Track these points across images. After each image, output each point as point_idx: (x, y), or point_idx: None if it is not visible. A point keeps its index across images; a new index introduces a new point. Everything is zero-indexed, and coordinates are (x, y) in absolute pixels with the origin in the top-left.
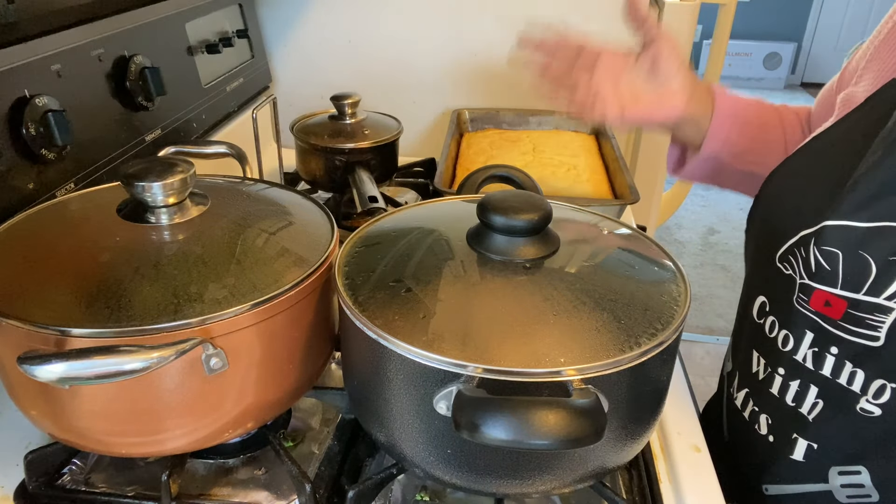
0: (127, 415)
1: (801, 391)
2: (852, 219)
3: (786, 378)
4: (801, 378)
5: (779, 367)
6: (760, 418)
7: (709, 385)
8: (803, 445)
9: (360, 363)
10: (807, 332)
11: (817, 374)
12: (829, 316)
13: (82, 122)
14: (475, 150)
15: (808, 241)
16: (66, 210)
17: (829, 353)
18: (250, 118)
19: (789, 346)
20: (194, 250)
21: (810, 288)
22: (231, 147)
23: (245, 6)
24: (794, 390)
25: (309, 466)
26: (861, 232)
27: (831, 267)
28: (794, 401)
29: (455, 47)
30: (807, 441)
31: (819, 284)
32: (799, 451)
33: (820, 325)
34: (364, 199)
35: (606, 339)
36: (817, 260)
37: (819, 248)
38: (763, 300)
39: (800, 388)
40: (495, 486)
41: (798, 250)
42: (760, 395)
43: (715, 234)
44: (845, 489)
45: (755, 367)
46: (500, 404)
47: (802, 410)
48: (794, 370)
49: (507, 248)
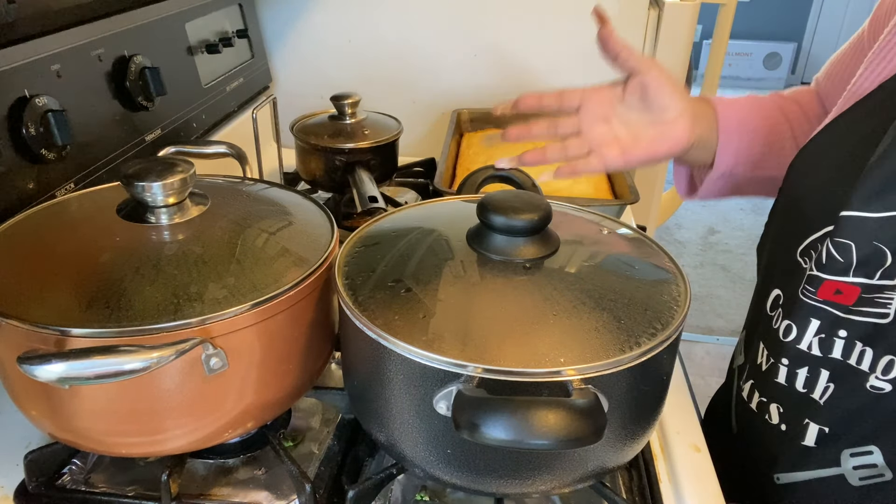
0: (127, 415)
1: (812, 377)
2: (865, 209)
3: (791, 367)
4: (808, 365)
5: (782, 358)
6: (770, 408)
7: (709, 385)
8: (815, 430)
9: (360, 363)
10: (811, 320)
11: (826, 358)
12: (839, 303)
13: (82, 122)
14: (475, 150)
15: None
16: (66, 210)
17: (838, 336)
18: (250, 118)
19: (791, 336)
20: (194, 250)
21: (818, 279)
22: (231, 147)
23: (245, 6)
24: (803, 377)
25: (309, 466)
26: (874, 222)
27: (844, 258)
28: (806, 387)
29: (455, 47)
30: (818, 425)
31: (829, 275)
32: (810, 436)
33: (828, 313)
34: (364, 199)
35: (606, 339)
36: (829, 251)
37: (832, 240)
38: (778, 293)
39: (809, 375)
40: (495, 486)
41: (820, 244)
42: (766, 386)
43: (715, 234)
44: (858, 471)
45: (759, 359)
46: (500, 404)
47: (814, 396)
48: (798, 359)
49: (507, 248)
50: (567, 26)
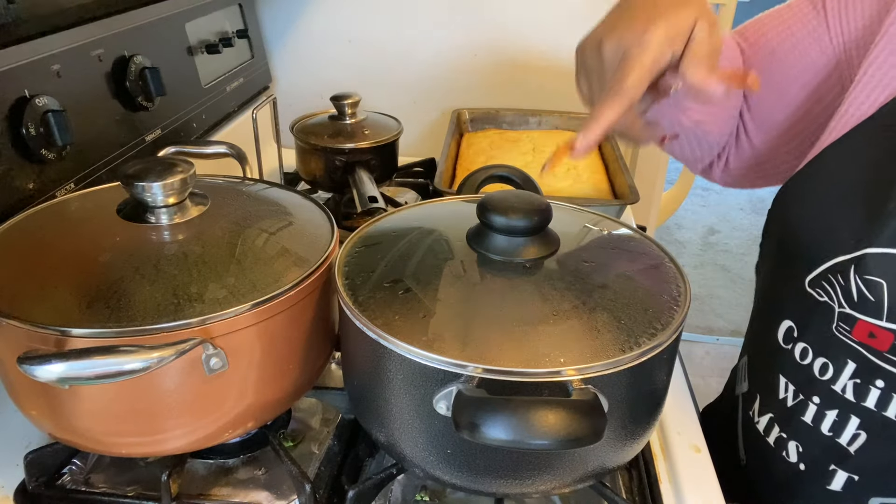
0: (127, 415)
1: (840, 421)
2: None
3: (821, 407)
4: (839, 409)
5: (813, 396)
6: (789, 445)
7: (709, 385)
8: (843, 477)
9: (360, 363)
10: (849, 361)
11: (859, 405)
12: (874, 347)
13: (82, 122)
14: (475, 150)
15: (845, 269)
16: (66, 210)
17: (874, 385)
18: (250, 118)
19: (828, 375)
20: (194, 250)
21: (853, 318)
22: (231, 147)
23: (245, 6)
24: (831, 420)
25: (309, 466)
26: None
27: (875, 297)
28: (832, 431)
29: (455, 47)
30: (847, 473)
31: (862, 315)
32: (838, 482)
33: (864, 356)
34: (364, 199)
35: (606, 340)
36: (860, 289)
37: (861, 277)
38: (790, 325)
39: (838, 419)
40: (495, 486)
41: (835, 277)
42: (790, 423)
43: (715, 234)
44: None
45: (783, 394)
46: (500, 404)
47: (841, 441)
48: (830, 399)
49: (507, 248)
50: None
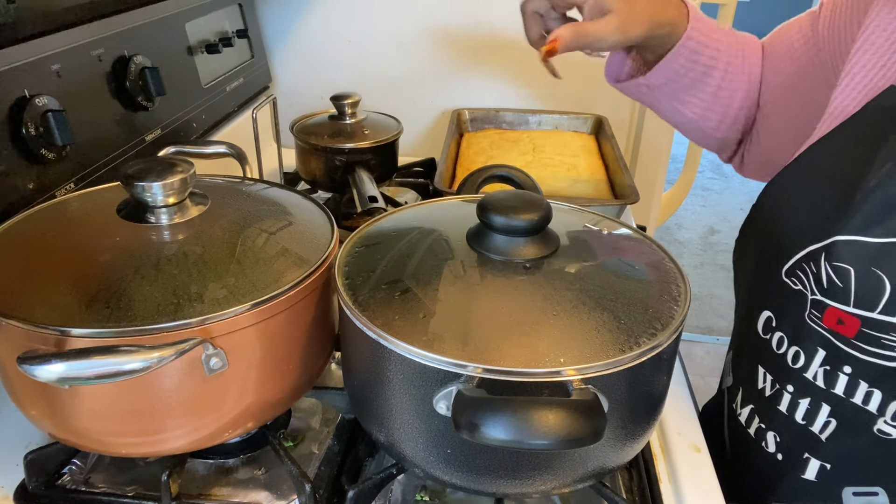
0: (127, 415)
1: (812, 409)
2: (865, 234)
3: (795, 395)
4: (811, 396)
5: (787, 384)
6: (768, 436)
7: (709, 385)
8: (816, 465)
9: (360, 363)
10: (818, 349)
11: (829, 392)
12: (841, 333)
13: (82, 122)
14: (475, 150)
15: (817, 256)
16: (66, 210)
17: (842, 371)
18: (250, 118)
19: (800, 363)
20: (194, 250)
21: (823, 304)
22: (231, 147)
23: (245, 6)
24: (804, 408)
25: (309, 466)
26: (874, 248)
27: (843, 283)
28: (805, 419)
29: (455, 47)
30: (819, 461)
31: (832, 301)
32: (811, 470)
33: (832, 343)
34: (364, 199)
35: (606, 339)
36: (829, 276)
37: (830, 264)
38: (769, 315)
39: (810, 407)
40: (495, 486)
41: (808, 265)
42: (767, 412)
43: (715, 234)
44: None
45: (761, 384)
46: (500, 404)
47: (813, 429)
48: (803, 387)
49: (507, 248)
50: None
